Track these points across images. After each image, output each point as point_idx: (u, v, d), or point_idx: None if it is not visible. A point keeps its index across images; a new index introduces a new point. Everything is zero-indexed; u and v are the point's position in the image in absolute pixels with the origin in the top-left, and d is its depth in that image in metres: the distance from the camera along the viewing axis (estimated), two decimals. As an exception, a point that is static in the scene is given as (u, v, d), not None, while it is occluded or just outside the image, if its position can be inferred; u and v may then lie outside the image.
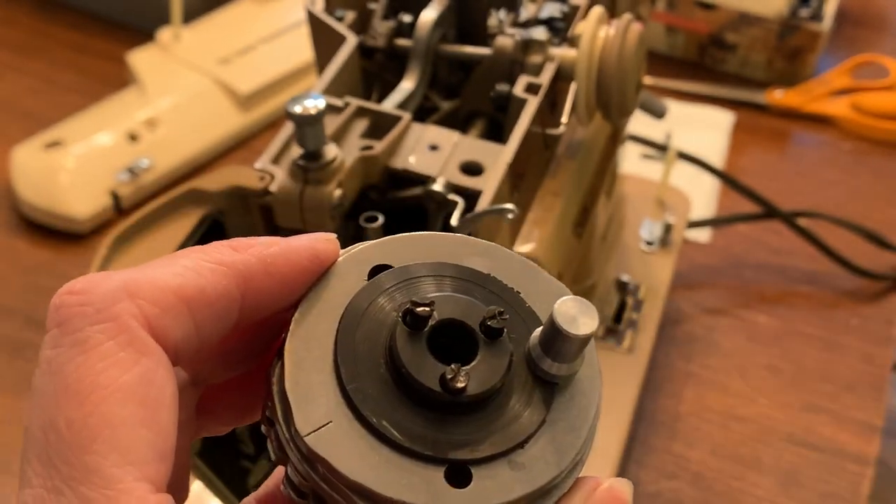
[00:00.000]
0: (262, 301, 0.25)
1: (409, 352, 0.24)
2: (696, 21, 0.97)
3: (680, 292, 0.77)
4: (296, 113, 0.41)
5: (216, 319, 0.24)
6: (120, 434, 0.21)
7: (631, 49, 0.49)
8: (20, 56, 0.97)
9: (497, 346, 0.24)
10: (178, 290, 0.23)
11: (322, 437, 0.23)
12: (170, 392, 0.22)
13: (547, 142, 0.52)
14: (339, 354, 0.24)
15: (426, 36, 0.51)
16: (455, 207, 0.43)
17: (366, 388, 0.24)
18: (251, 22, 0.94)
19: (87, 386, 0.21)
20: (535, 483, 0.23)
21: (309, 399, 0.24)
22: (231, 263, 0.24)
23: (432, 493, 0.22)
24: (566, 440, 0.24)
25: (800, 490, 0.65)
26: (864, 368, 0.72)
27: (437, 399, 0.24)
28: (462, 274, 0.26)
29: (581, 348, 0.24)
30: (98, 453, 0.21)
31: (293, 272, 0.25)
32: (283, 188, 0.44)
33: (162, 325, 0.23)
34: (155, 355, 0.22)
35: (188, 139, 0.84)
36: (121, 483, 0.21)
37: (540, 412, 0.24)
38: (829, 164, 0.90)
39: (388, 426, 0.23)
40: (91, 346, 0.22)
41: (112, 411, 0.21)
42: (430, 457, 0.23)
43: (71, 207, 0.78)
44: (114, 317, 0.22)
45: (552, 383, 0.25)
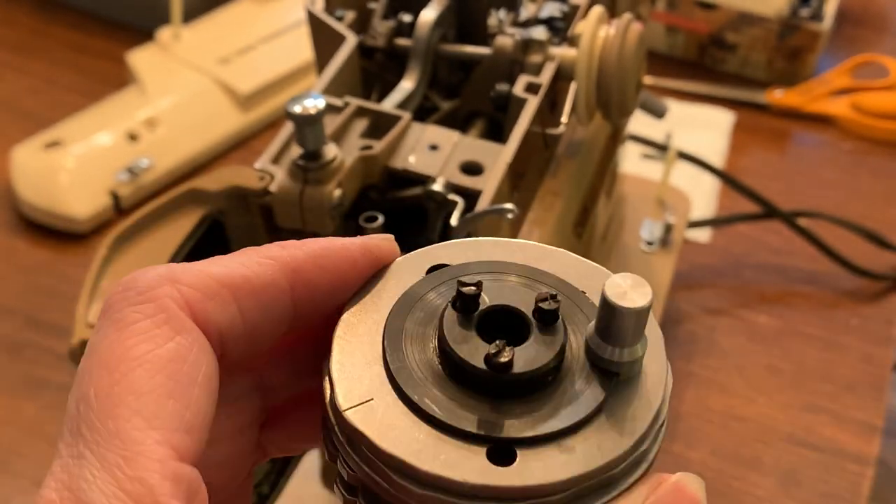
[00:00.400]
0: (315, 294, 0.25)
1: (455, 332, 0.24)
2: (697, 21, 0.97)
3: (680, 292, 0.77)
4: (296, 113, 0.41)
5: (263, 308, 0.24)
6: (144, 401, 0.21)
7: (631, 49, 0.49)
8: (20, 56, 0.97)
9: (551, 331, 0.24)
10: (222, 277, 0.24)
11: (362, 413, 0.23)
12: (204, 371, 0.22)
13: (547, 142, 0.52)
14: (386, 338, 0.24)
15: (426, 36, 0.51)
16: (455, 207, 0.43)
17: (411, 370, 0.23)
18: (251, 22, 0.94)
19: (118, 358, 0.22)
20: (585, 467, 0.22)
21: (352, 378, 0.24)
22: (278, 256, 0.25)
23: (472, 469, 0.22)
24: (624, 431, 0.23)
25: (800, 490, 0.64)
26: (864, 368, 0.72)
27: (483, 378, 0.23)
28: (521, 271, 0.26)
29: (636, 326, 0.23)
30: (121, 417, 0.21)
31: (345, 265, 0.25)
32: (282, 188, 0.43)
33: (203, 308, 0.23)
34: (192, 335, 0.22)
35: (188, 139, 0.84)
36: (141, 445, 0.20)
37: (595, 400, 0.23)
38: (830, 164, 0.90)
39: (430, 403, 0.23)
40: (127, 323, 0.22)
41: (139, 380, 0.21)
42: (473, 434, 0.22)
43: (71, 207, 0.78)
44: (153, 298, 0.22)
45: (613, 373, 0.24)
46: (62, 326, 0.71)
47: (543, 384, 0.23)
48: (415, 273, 0.26)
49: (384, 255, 0.26)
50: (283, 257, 0.25)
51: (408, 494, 0.22)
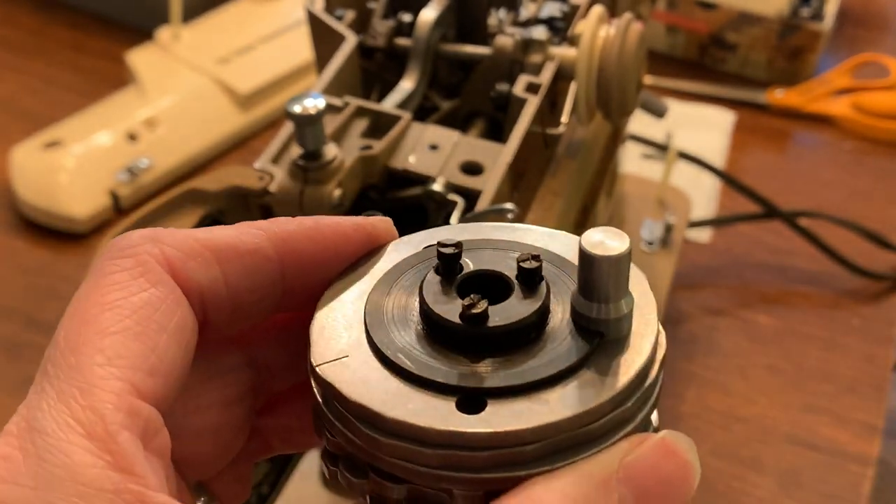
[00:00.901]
0: (306, 267, 0.25)
1: (434, 292, 0.24)
2: (697, 20, 0.97)
3: (680, 292, 0.77)
4: (295, 113, 0.41)
5: (248, 273, 0.24)
6: (109, 341, 0.21)
7: (631, 48, 0.49)
8: (19, 56, 0.97)
9: (533, 292, 0.23)
10: (205, 240, 0.24)
11: (333, 367, 0.23)
12: (176, 321, 0.23)
13: (547, 141, 0.51)
14: (369, 302, 0.24)
15: (426, 35, 0.51)
16: (455, 207, 0.43)
17: (390, 331, 0.23)
18: (251, 21, 0.94)
19: (90, 303, 0.22)
20: (556, 416, 0.21)
21: (331, 338, 0.24)
22: (267, 227, 0.25)
23: (439, 417, 0.21)
24: (603, 386, 0.22)
25: (800, 490, 0.64)
26: (864, 369, 0.72)
27: (459, 333, 0.23)
28: (515, 247, 0.25)
29: (616, 277, 0.22)
30: (84, 354, 0.21)
31: (337, 238, 0.25)
32: (282, 188, 0.43)
33: (183, 266, 0.23)
34: (167, 287, 0.23)
35: (188, 139, 0.84)
36: (99, 379, 0.21)
37: (573, 357, 0.22)
38: (830, 164, 0.90)
39: (403, 358, 0.23)
40: (104, 274, 0.23)
41: (106, 322, 0.22)
42: (443, 385, 0.22)
43: (70, 207, 0.78)
44: (133, 255, 0.23)
45: (598, 333, 0.23)
46: (61, 326, 0.71)
47: (523, 342, 0.23)
48: (408, 251, 0.26)
49: (379, 234, 0.26)
50: (272, 228, 0.25)
51: (375, 446, 0.22)
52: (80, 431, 0.20)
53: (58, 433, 0.20)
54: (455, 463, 0.21)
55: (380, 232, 0.26)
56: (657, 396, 0.23)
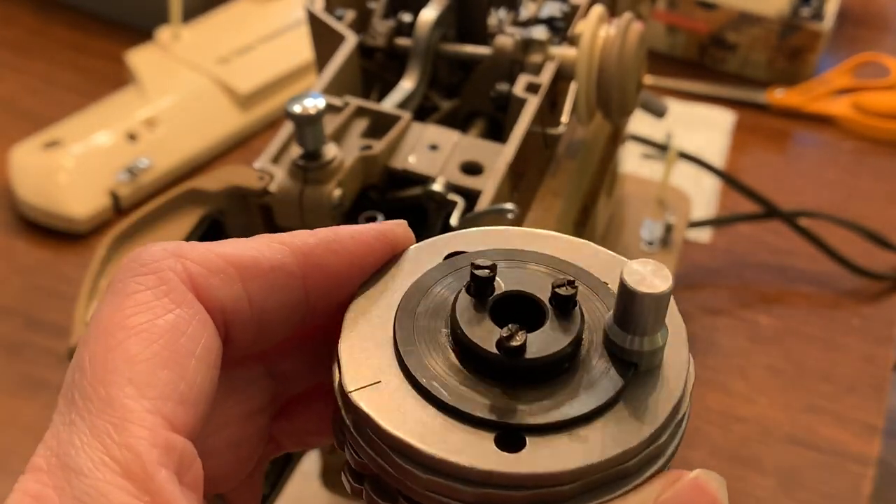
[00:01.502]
0: (329, 281, 0.24)
1: (468, 316, 0.23)
2: (697, 20, 0.97)
3: (680, 292, 0.76)
4: (295, 112, 0.41)
5: (271, 290, 0.24)
6: (138, 370, 0.21)
7: (631, 48, 0.49)
8: (19, 55, 0.97)
9: (567, 318, 0.23)
10: (228, 255, 0.23)
11: (367, 394, 0.22)
12: (203, 344, 0.22)
13: (547, 141, 0.51)
14: (397, 321, 0.24)
15: (426, 35, 0.51)
16: (455, 207, 0.43)
17: (421, 354, 0.23)
18: (251, 21, 0.94)
19: (115, 326, 0.21)
20: (597, 457, 0.21)
21: (360, 361, 0.23)
22: (289, 241, 0.24)
23: (479, 454, 0.21)
24: (640, 422, 0.22)
25: (801, 490, 0.64)
26: (865, 369, 0.72)
27: (495, 363, 0.22)
28: (540, 259, 0.25)
29: (656, 313, 0.22)
30: (113, 384, 0.21)
31: (359, 250, 0.25)
32: (282, 188, 0.43)
33: (206, 283, 0.23)
34: (192, 308, 0.22)
35: (187, 139, 0.84)
36: (131, 413, 0.20)
37: (613, 390, 0.22)
38: (830, 164, 0.90)
39: (438, 387, 0.22)
40: (128, 293, 0.22)
41: (134, 348, 0.21)
42: (482, 420, 0.22)
43: (70, 207, 0.78)
44: (155, 270, 0.22)
45: (632, 363, 0.23)
46: (61, 326, 0.71)
47: (558, 372, 0.23)
48: (431, 260, 0.25)
49: (399, 240, 0.26)
50: (294, 242, 0.24)
51: (412, 479, 0.21)
52: (116, 470, 0.19)
53: (94, 473, 0.19)
54: (492, 501, 0.21)
55: (399, 238, 0.26)
56: (686, 427, 0.23)
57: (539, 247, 0.25)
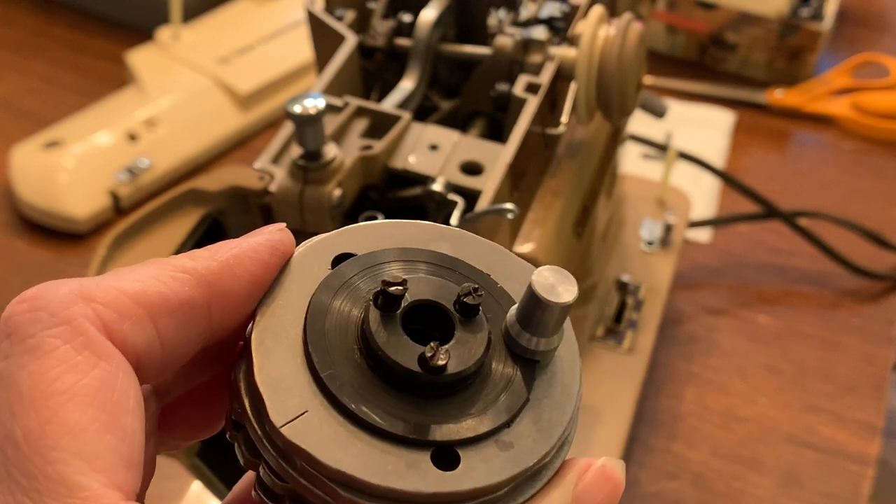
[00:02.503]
0: (231, 306, 0.23)
1: (383, 334, 0.23)
2: (697, 20, 0.97)
3: (680, 292, 0.77)
4: (295, 113, 0.41)
5: (180, 327, 0.23)
6: (82, 440, 0.20)
7: (631, 48, 0.49)
8: (19, 55, 0.97)
9: (474, 325, 0.24)
10: (137, 295, 0.22)
11: (298, 428, 0.22)
12: (133, 397, 0.21)
13: (547, 141, 0.51)
14: (309, 343, 0.23)
15: (426, 35, 0.51)
16: (455, 207, 0.43)
17: (341, 376, 0.23)
18: (251, 21, 0.94)
19: (43, 392, 0.20)
20: (525, 462, 0.22)
21: (281, 390, 0.22)
22: (193, 270, 0.23)
23: (420, 476, 0.22)
24: (552, 418, 0.23)
25: (800, 490, 0.64)
26: (864, 368, 0.72)
27: (417, 381, 0.23)
28: (430, 258, 0.25)
29: (561, 318, 0.23)
30: (60, 461, 0.19)
31: (257, 269, 0.24)
32: (282, 188, 0.43)
33: (120, 329, 0.21)
34: (114, 359, 0.21)
35: (188, 139, 0.84)
36: (87, 491, 0.19)
37: (523, 391, 0.23)
38: (830, 164, 0.90)
39: (367, 411, 0.22)
40: (45, 351, 0.20)
41: (71, 417, 0.20)
42: (415, 440, 0.22)
43: (70, 207, 0.78)
44: (68, 320, 0.21)
45: (532, 361, 0.24)
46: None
47: (471, 379, 0.23)
48: (320, 267, 0.25)
49: (287, 248, 0.25)
50: (198, 270, 0.23)
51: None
52: None
53: None
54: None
55: (286, 245, 0.25)
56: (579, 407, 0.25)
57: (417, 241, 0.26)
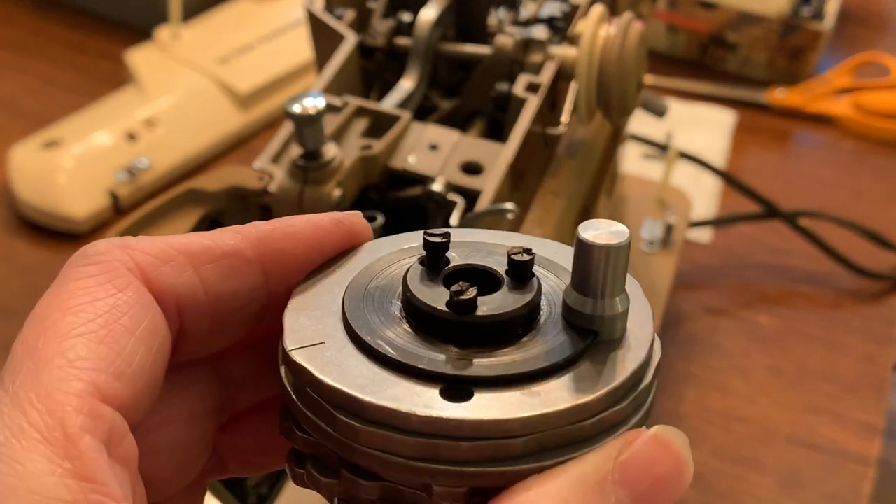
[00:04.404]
0: (287, 265, 0.24)
1: (419, 281, 0.22)
2: (698, 20, 0.97)
3: (681, 292, 0.76)
4: (295, 112, 0.41)
5: (226, 277, 0.23)
6: (71, 343, 0.20)
7: (632, 48, 0.49)
8: (18, 55, 0.97)
9: (524, 286, 0.22)
10: (178, 244, 0.23)
11: (308, 352, 0.21)
12: (146, 326, 0.21)
13: (547, 141, 0.51)
14: (347, 293, 0.23)
15: (426, 35, 0.51)
16: (455, 207, 0.43)
17: (370, 318, 0.22)
18: (250, 21, 0.94)
19: (52, 308, 0.21)
20: (547, 408, 0.20)
21: (305, 326, 0.22)
22: (242, 228, 0.24)
23: (420, 402, 0.20)
24: (596, 382, 0.21)
25: (801, 491, 0.64)
26: (865, 369, 0.72)
27: (446, 323, 0.21)
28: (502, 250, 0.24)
29: (612, 271, 0.21)
30: (42, 358, 0.20)
31: (316, 234, 0.24)
32: (282, 188, 0.43)
33: (156, 272, 0.22)
34: (136, 293, 0.21)
35: (187, 139, 0.84)
36: (59, 381, 0.19)
37: (569, 352, 0.21)
38: (831, 164, 0.90)
39: (383, 344, 0.21)
40: (69, 280, 0.21)
41: (68, 325, 0.20)
42: (426, 372, 0.21)
43: (69, 207, 0.78)
44: (100, 262, 0.21)
45: (591, 331, 0.22)
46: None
47: (512, 336, 0.22)
48: (387, 250, 0.25)
49: (356, 228, 0.25)
50: (248, 229, 0.24)
51: (352, 434, 0.20)
52: (35, 437, 0.18)
53: (11, 440, 0.18)
54: (436, 453, 0.20)
55: (357, 227, 0.25)
56: (651, 405, 0.22)
57: (502, 240, 0.25)
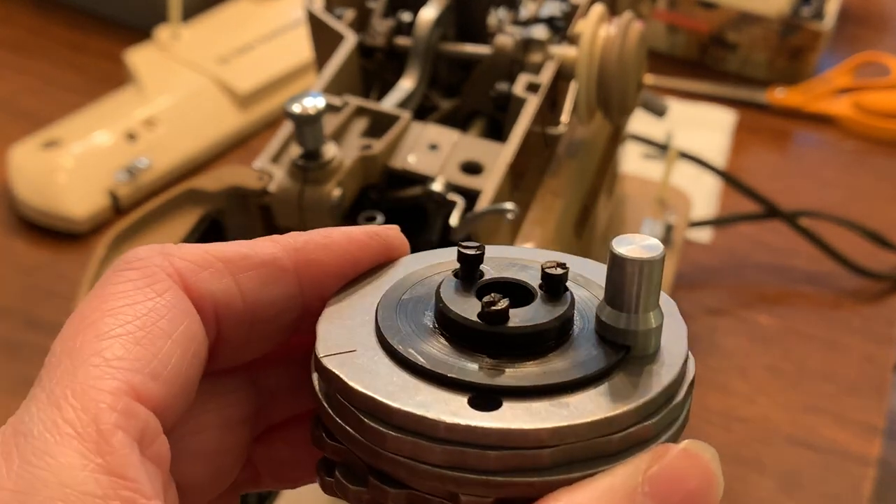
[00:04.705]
0: (322, 276, 0.24)
1: (452, 293, 0.23)
2: (698, 20, 0.97)
3: (681, 292, 0.76)
4: (295, 112, 0.41)
5: (263, 284, 0.23)
6: (108, 343, 0.20)
7: (632, 48, 0.49)
8: (18, 55, 0.97)
9: (557, 299, 0.22)
10: (217, 252, 0.23)
11: (339, 359, 0.22)
12: (183, 330, 0.22)
13: (547, 141, 0.51)
14: (381, 303, 0.23)
15: (426, 34, 0.51)
16: (455, 207, 0.43)
17: (402, 328, 0.22)
18: (250, 21, 0.94)
19: (91, 309, 0.21)
20: (577, 419, 0.20)
21: (338, 335, 0.23)
22: (279, 238, 0.24)
23: (448, 410, 0.20)
24: (627, 397, 0.21)
25: (801, 491, 0.64)
26: (865, 369, 0.72)
27: (478, 334, 0.22)
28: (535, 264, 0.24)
29: (646, 285, 0.21)
30: (79, 357, 0.20)
31: (351, 246, 0.25)
32: (282, 188, 0.43)
33: (195, 277, 0.22)
34: (174, 297, 0.22)
35: (187, 138, 0.84)
36: (94, 379, 0.19)
37: (601, 367, 0.21)
38: (831, 164, 0.90)
39: (414, 353, 0.21)
40: (110, 284, 0.22)
41: (106, 326, 0.21)
42: (456, 381, 0.21)
43: (69, 207, 0.77)
44: (141, 267, 0.22)
45: (624, 346, 0.22)
46: (60, 326, 0.71)
47: (544, 348, 0.22)
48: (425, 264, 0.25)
49: (392, 242, 0.25)
50: (285, 239, 0.24)
51: (380, 440, 0.21)
52: (69, 432, 0.19)
53: (45, 435, 0.19)
54: (464, 462, 0.20)
55: (393, 240, 0.25)
56: (684, 422, 0.22)
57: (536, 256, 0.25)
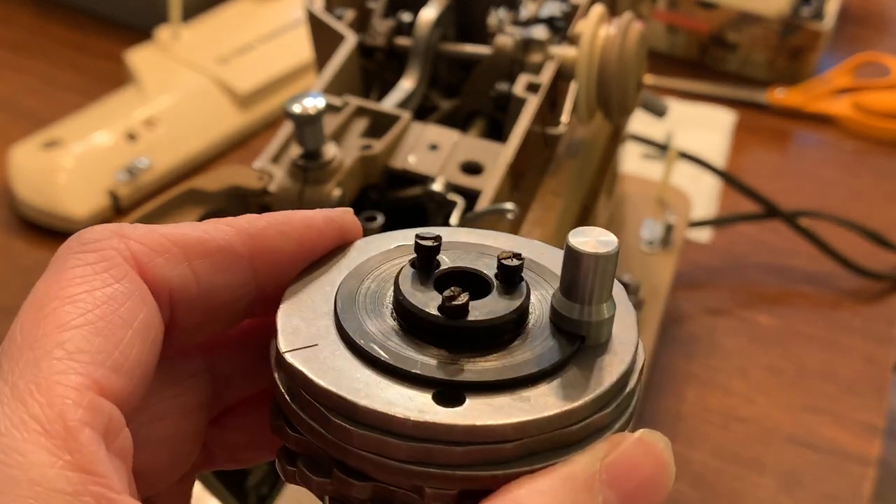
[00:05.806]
0: (277, 262, 0.24)
1: (410, 285, 0.23)
2: (697, 20, 0.97)
3: (681, 292, 0.76)
4: (295, 112, 0.41)
5: (218, 271, 0.23)
6: (69, 335, 0.20)
7: (632, 48, 0.49)
8: (18, 55, 0.97)
9: (513, 291, 0.23)
10: (173, 235, 0.23)
11: (303, 355, 0.22)
12: (142, 318, 0.21)
13: (547, 141, 0.51)
14: (339, 293, 0.23)
15: (426, 35, 0.51)
16: (455, 207, 0.43)
17: (362, 321, 0.23)
18: (250, 21, 0.94)
19: (49, 296, 0.21)
20: (538, 413, 0.20)
21: (297, 327, 0.23)
22: (235, 223, 0.24)
23: (413, 407, 0.20)
24: (584, 388, 0.21)
25: (801, 491, 0.64)
26: (865, 369, 0.72)
27: (438, 327, 0.22)
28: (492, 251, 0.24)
29: (600, 278, 0.22)
30: (41, 348, 0.20)
31: (307, 232, 0.25)
32: (282, 188, 0.43)
33: (150, 262, 0.22)
34: (132, 284, 0.22)
35: (187, 139, 0.84)
36: (58, 374, 0.19)
37: (558, 357, 0.22)
38: (831, 164, 0.90)
39: (376, 348, 0.22)
40: (66, 268, 0.21)
41: (67, 315, 0.20)
42: (419, 377, 0.21)
43: (69, 207, 0.78)
44: (97, 249, 0.22)
45: (579, 336, 0.22)
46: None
47: (502, 340, 0.22)
48: (379, 248, 0.25)
49: (347, 226, 0.25)
50: (240, 223, 0.24)
51: (345, 437, 0.21)
52: (36, 429, 0.18)
53: (12, 431, 0.18)
54: (430, 457, 0.20)
55: (348, 224, 0.25)
56: (635, 407, 0.23)
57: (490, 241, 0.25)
